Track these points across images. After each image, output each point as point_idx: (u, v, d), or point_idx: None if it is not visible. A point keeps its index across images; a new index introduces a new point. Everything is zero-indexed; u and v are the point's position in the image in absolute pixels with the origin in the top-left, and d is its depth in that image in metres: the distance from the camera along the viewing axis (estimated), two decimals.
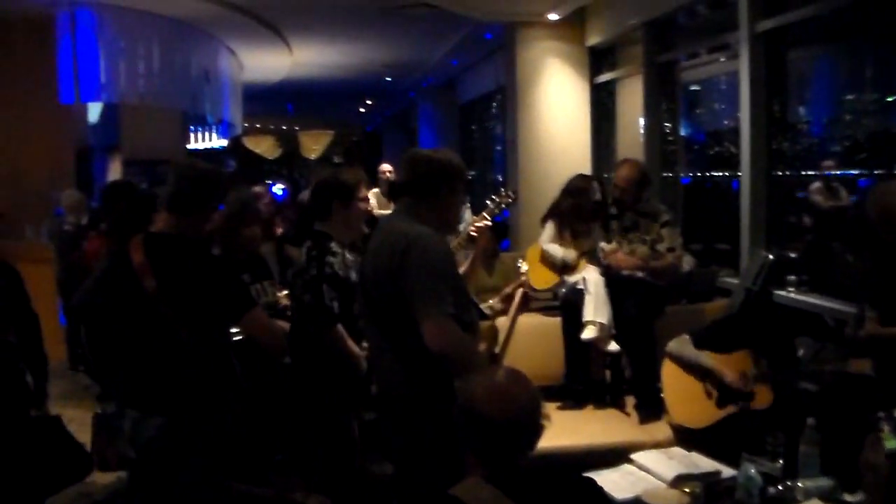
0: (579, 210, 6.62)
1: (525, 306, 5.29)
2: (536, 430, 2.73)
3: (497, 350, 4.47)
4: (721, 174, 9.51)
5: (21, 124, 11.38)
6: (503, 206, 4.96)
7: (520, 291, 4.78)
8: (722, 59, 8.69)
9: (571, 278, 6.39)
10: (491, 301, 5.78)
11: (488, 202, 4.92)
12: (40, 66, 11.39)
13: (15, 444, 3.99)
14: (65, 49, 11.41)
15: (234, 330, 4.12)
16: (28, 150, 11.31)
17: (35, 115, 11.45)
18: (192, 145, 21.58)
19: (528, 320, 6.41)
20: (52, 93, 11.38)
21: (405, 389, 3.67)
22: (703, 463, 4.17)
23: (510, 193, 5.01)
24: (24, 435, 4.18)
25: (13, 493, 4.04)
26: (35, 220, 10.53)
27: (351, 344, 4.46)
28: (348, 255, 4.55)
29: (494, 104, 16.73)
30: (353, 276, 4.44)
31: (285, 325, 4.69)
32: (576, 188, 6.73)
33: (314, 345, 4.47)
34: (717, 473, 3.96)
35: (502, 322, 6.04)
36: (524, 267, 5.23)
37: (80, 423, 5.75)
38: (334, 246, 4.53)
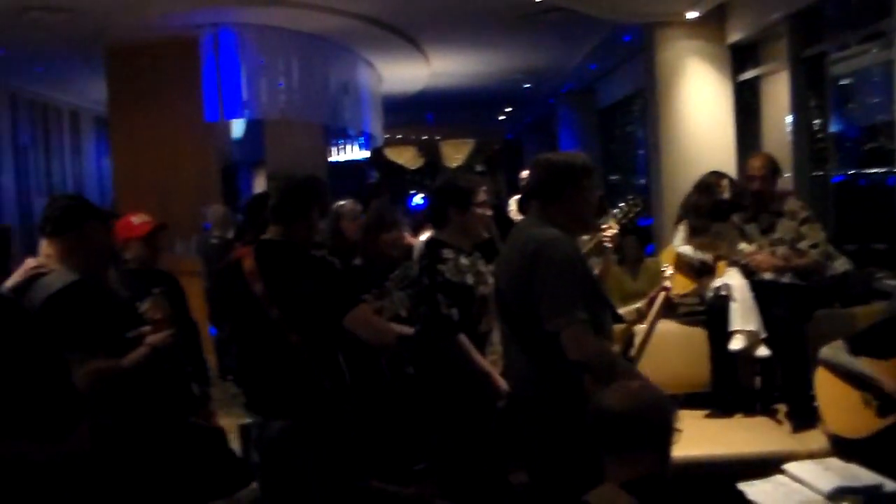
0: (701, 207, 6.46)
1: (668, 311, 5.17)
2: (665, 430, 2.66)
3: (633, 354, 4.37)
4: (877, 171, 9.13)
5: (169, 143, 11.78)
6: (631, 214, 4.92)
7: (661, 295, 4.66)
8: (874, 50, 8.32)
9: (713, 283, 6.19)
10: (637, 304, 5.68)
11: (615, 210, 4.90)
12: (186, 86, 11.78)
13: (173, 450, 4.09)
14: (209, 68, 11.75)
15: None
16: (176, 168, 11.68)
17: (182, 133, 11.84)
18: (334, 158, 21.92)
19: (673, 327, 6.24)
20: (198, 111, 11.73)
21: (537, 392, 3.66)
22: (863, 475, 3.95)
23: (638, 202, 4.96)
24: (182, 441, 4.28)
25: (165, 497, 4.12)
26: (184, 235, 10.82)
27: (478, 357, 4.37)
28: (462, 260, 4.47)
29: (635, 107, 16.51)
30: (470, 279, 4.42)
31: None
32: (703, 184, 6.58)
33: (438, 357, 4.43)
34: (879, 487, 3.75)
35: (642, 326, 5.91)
36: (669, 270, 5.12)
37: (229, 431, 5.90)
38: (446, 252, 4.46)
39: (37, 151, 16.44)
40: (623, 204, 4.92)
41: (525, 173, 11.38)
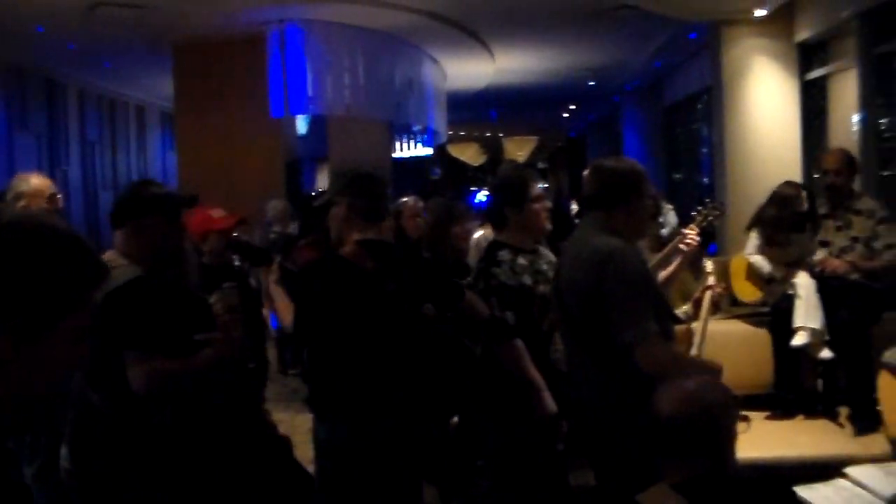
0: (781, 221, 6.35)
1: (716, 309, 5.14)
2: (717, 433, 2.65)
3: (694, 353, 4.34)
4: None
5: (234, 138, 11.96)
6: (710, 217, 4.85)
7: (707, 294, 4.66)
8: None
9: (782, 290, 6.14)
10: (684, 307, 5.66)
11: (694, 213, 4.82)
12: (251, 81, 11.95)
13: (235, 453, 3.97)
14: (274, 65, 11.85)
15: None
16: (241, 162, 11.85)
17: (247, 129, 12.01)
18: (397, 154, 21.99)
19: (735, 327, 6.19)
20: (263, 107, 11.84)
21: (604, 399, 3.63)
22: None
23: (718, 205, 4.89)
24: (245, 445, 4.16)
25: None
26: (248, 230, 10.92)
27: (531, 368, 4.17)
28: (520, 260, 4.37)
29: (700, 105, 16.36)
30: (527, 280, 4.33)
31: None
32: (780, 197, 6.45)
33: (493, 361, 4.32)
34: None
35: (696, 326, 5.87)
36: (709, 267, 5.11)
37: (287, 427, 5.96)
38: (502, 254, 4.37)
39: (103, 146, 16.78)
40: (701, 207, 4.85)
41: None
